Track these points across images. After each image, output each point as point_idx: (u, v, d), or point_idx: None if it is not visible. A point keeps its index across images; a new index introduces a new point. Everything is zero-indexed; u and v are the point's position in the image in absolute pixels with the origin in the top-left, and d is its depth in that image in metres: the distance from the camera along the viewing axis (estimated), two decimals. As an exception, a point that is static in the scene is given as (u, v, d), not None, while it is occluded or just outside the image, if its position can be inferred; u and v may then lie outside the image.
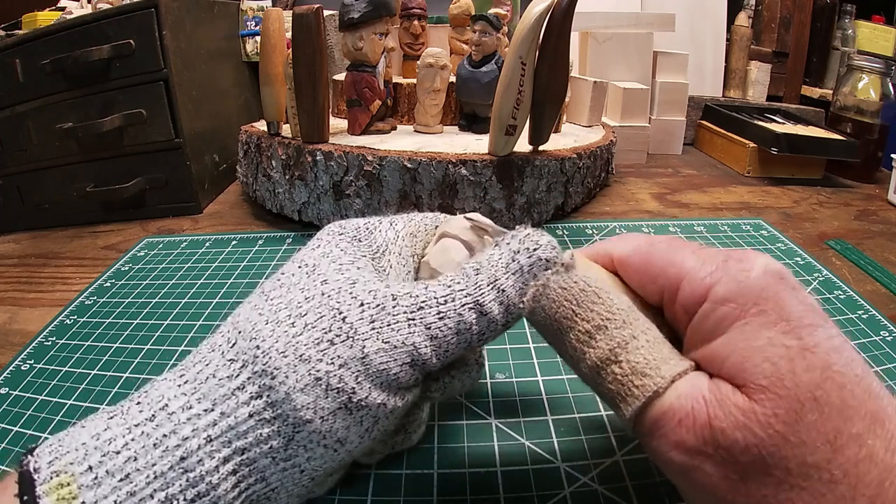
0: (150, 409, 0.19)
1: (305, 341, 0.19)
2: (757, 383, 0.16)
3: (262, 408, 0.19)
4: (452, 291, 0.20)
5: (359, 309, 0.20)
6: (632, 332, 0.18)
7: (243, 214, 0.58)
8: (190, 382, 0.19)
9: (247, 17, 0.72)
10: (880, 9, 1.02)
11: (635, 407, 0.18)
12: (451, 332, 0.20)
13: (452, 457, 0.26)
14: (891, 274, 0.44)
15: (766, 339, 0.16)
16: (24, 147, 0.56)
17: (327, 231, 0.24)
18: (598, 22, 0.78)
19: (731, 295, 0.17)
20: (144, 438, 0.18)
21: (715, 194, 0.63)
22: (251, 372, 0.19)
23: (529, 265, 0.20)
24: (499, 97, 0.45)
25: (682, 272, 0.19)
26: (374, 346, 0.19)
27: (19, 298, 0.44)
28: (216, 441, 0.18)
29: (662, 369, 0.18)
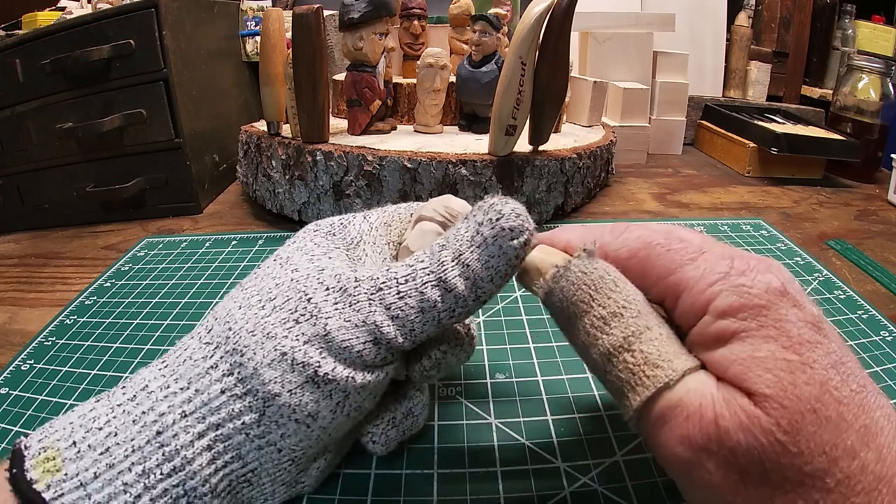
0: (132, 390, 0.20)
1: (273, 321, 0.20)
2: (761, 392, 0.16)
3: (233, 384, 0.20)
4: (414, 270, 0.20)
5: (324, 292, 0.21)
6: (646, 324, 0.18)
7: (243, 214, 0.58)
8: (169, 366, 0.21)
9: (247, 17, 0.72)
10: (880, 9, 1.02)
11: (644, 397, 0.17)
12: (413, 311, 0.20)
13: (452, 457, 0.26)
14: (891, 274, 0.44)
15: (767, 352, 0.16)
16: (24, 147, 0.56)
17: (304, 229, 0.25)
18: (598, 22, 0.78)
19: (731, 310, 0.17)
20: (124, 416, 0.19)
21: (715, 194, 0.63)
22: (223, 351, 0.20)
23: (493, 236, 0.19)
24: (499, 97, 0.45)
25: (681, 283, 0.18)
26: (336, 323, 0.20)
27: (19, 298, 0.44)
28: (191, 416, 0.19)
29: (675, 362, 0.18)
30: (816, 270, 0.44)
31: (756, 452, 0.16)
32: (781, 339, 0.17)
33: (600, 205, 0.59)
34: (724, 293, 0.17)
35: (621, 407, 0.19)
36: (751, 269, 0.18)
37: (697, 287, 0.18)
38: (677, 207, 0.59)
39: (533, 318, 0.37)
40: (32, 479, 0.18)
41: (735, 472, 0.16)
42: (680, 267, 0.19)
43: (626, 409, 0.18)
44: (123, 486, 0.18)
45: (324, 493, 0.24)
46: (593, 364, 0.19)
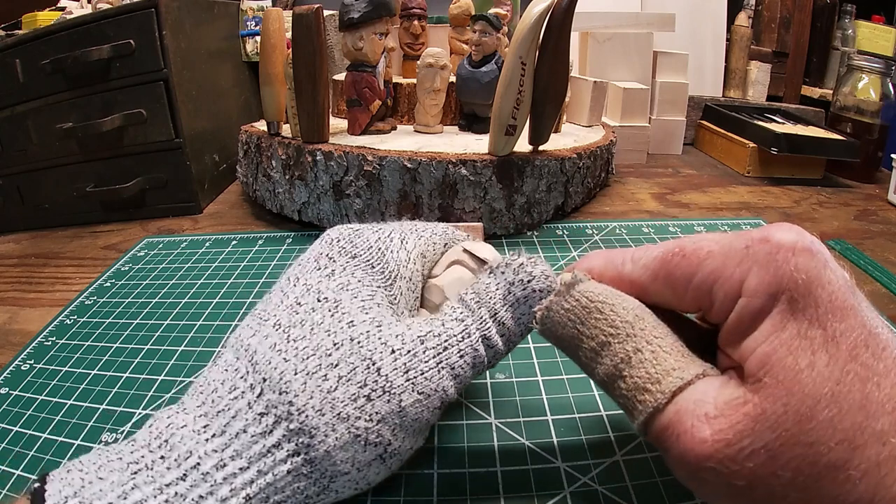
0: (181, 467, 0.18)
1: (342, 398, 0.19)
2: (775, 378, 0.15)
3: (300, 464, 0.18)
4: (466, 326, 0.21)
5: (391, 357, 0.20)
6: (635, 345, 0.18)
7: (243, 214, 0.58)
8: (218, 437, 0.18)
9: (247, 17, 0.72)
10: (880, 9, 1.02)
11: (640, 421, 0.18)
12: (469, 367, 0.21)
13: (452, 457, 0.26)
14: (891, 274, 0.44)
15: (792, 331, 0.16)
16: (24, 147, 0.56)
17: (338, 249, 0.23)
18: (598, 22, 0.78)
19: (762, 285, 0.16)
20: (179, 500, 0.17)
21: (715, 194, 0.63)
22: (286, 430, 0.18)
23: (525, 297, 0.21)
24: (499, 97, 0.45)
25: (708, 278, 0.18)
26: (411, 398, 0.19)
27: (19, 298, 0.44)
28: (255, 499, 0.18)
29: (663, 383, 0.18)
30: (816, 270, 0.44)
31: (763, 451, 0.15)
32: (809, 311, 0.16)
33: (600, 205, 0.59)
34: (754, 269, 0.17)
35: None
36: (772, 232, 0.17)
37: (725, 274, 0.17)
38: (677, 207, 0.59)
39: None
40: None
41: (740, 478, 0.15)
42: (700, 265, 0.18)
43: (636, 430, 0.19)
44: None
45: (324, 493, 0.24)
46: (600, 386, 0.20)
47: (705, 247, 0.18)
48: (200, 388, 0.20)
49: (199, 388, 0.20)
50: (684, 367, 0.18)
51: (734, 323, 0.17)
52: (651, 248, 0.20)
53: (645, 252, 0.20)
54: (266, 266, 0.45)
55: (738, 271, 0.17)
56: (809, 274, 0.16)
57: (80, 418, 0.29)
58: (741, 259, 0.17)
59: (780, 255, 0.16)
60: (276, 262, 0.46)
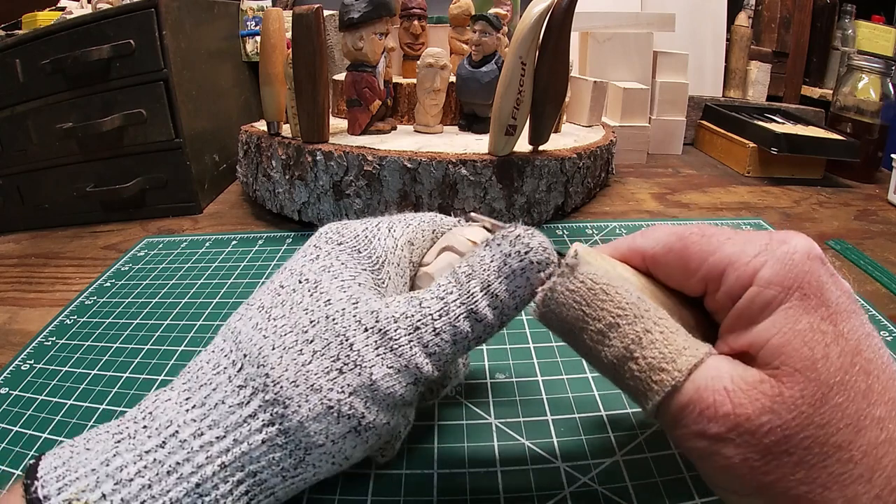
0: (160, 434, 0.19)
1: (315, 370, 0.19)
2: (791, 366, 0.16)
3: (274, 434, 0.19)
4: (446, 304, 0.20)
5: (363, 334, 0.20)
6: (644, 326, 0.18)
7: (243, 214, 0.58)
8: (198, 407, 0.19)
9: (247, 17, 0.72)
10: (880, 9, 1.02)
11: (655, 402, 0.18)
12: (448, 344, 0.20)
13: (452, 457, 0.26)
14: (891, 274, 0.44)
15: (806, 324, 0.17)
16: (24, 147, 0.56)
17: (325, 238, 0.24)
18: (598, 22, 0.78)
19: (777, 278, 0.17)
20: (157, 465, 0.18)
21: (715, 194, 0.63)
22: (262, 400, 0.19)
23: (521, 269, 0.20)
24: (499, 97, 0.45)
25: (724, 260, 0.19)
26: (381, 371, 0.20)
27: (19, 298, 0.44)
28: (230, 467, 0.19)
29: (678, 362, 0.18)
30: (816, 270, 0.44)
31: (779, 430, 0.16)
32: (821, 310, 0.17)
33: (600, 205, 0.59)
34: (770, 262, 0.18)
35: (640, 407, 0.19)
36: (790, 238, 0.18)
37: (741, 260, 0.18)
38: (677, 207, 0.59)
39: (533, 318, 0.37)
40: None
41: (756, 452, 0.16)
42: (719, 246, 0.19)
43: (643, 411, 0.19)
44: None
45: (324, 493, 0.24)
46: (603, 373, 0.20)
47: (726, 233, 0.20)
48: (188, 368, 0.21)
49: (187, 369, 0.21)
50: (693, 345, 0.18)
51: (742, 309, 0.18)
52: (666, 226, 0.21)
53: (658, 228, 0.21)
54: (266, 266, 0.45)
55: (755, 261, 0.18)
56: (821, 279, 0.17)
57: (80, 418, 0.29)
58: (759, 251, 0.18)
59: (797, 256, 0.18)
60: (276, 262, 0.46)
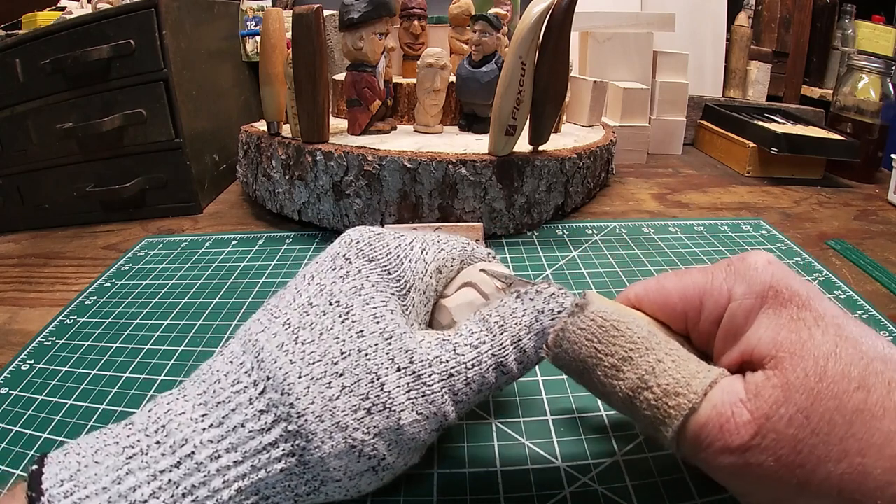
0: (175, 454, 0.18)
1: (343, 407, 0.19)
2: (786, 351, 0.17)
3: (293, 465, 0.19)
4: (479, 354, 0.21)
5: (396, 374, 0.20)
6: (657, 357, 0.19)
7: (243, 214, 0.58)
8: (215, 427, 0.19)
9: (247, 17, 0.72)
10: (880, 9, 1.02)
11: (675, 427, 0.18)
12: (474, 393, 0.21)
13: (452, 457, 0.26)
14: (891, 274, 0.44)
15: (787, 316, 0.18)
16: (24, 147, 0.56)
17: (356, 251, 0.23)
18: (598, 22, 0.78)
19: (749, 289, 0.19)
20: (172, 487, 0.18)
21: (715, 194, 0.63)
22: (284, 430, 0.19)
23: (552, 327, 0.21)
24: (499, 97, 0.45)
25: (698, 290, 0.21)
26: (410, 417, 0.20)
27: (19, 298, 0.44)
28: (246, 491, 0.19)
29: (693, 385, 0.18)
30: (816, 270, 0.44)
31: (799, 414, 0.16)
32: (795, 300, 0.18)
33: (600, 205, 0.59)
34: (738, 280, 0.20)
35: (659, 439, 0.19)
36: (746, 255, 0.21)
37: (714, 285, 0.20)
38: (677, 207, 0.59)
39: None
40: None
41: (786, 447, 0.16)
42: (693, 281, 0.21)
43: (663, 441, 0.19)
44: None
45: (324, 493, 0.24)
46: (618, 407, 0.20)
47: (694, 270, 0.22)
48: (203, 376, 0.20)
49: (202, 377, 0.20)
50: (706, 369, 0.19)
51: (728, 325, 0.20)
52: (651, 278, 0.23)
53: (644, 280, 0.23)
54: (266, 266, 0.45)
55: (726, 284, 0.20)
56: (786, 277, 0.19)
57: (80, 418, 0.29)
58: (726, 275, 0.20)
59: (759, 266, 0.20)
60: (276, 262, 0.46)
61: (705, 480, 0.24)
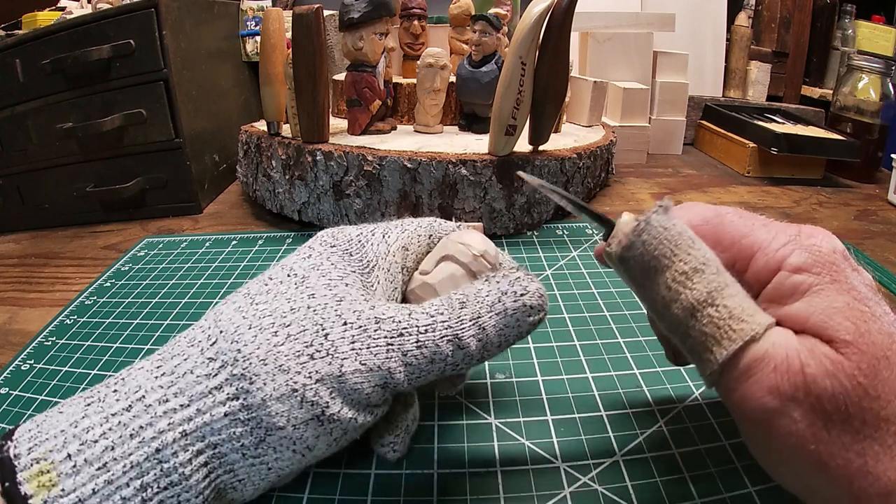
0: (128, 398, 0.19)
1: (286, 352, 0.20)
2: (842, 338, 0.17)
3: (237, 409, 0.19)
4: (434, 322, 0.21)
5: (342, 328, 0.20)
6: (726, 280, 0.19)
7: (243, 214, 0.58)
8: (167, 375, 0.20)
9: (247, 17, 0.72)
10: (880, 9, 1.02)
11: (732, 350, 0.18)
12: (425, 361, 0.21)
13: (452, 457, 0.26)
14: (891, 274, 0.44)
15: (843, 303, 0.18)
16: (24, 147, 0.56)
17: (320, 241, 0.25)
18: (598, 22, 0.78)
19: (805, 265, 0.19)
20: (121, 428, 0.19)
21: (715, 194, 0.63)
22: (229, 374, 0.20)
23: (514, 309, 0.21)
24: (499, 97, 0.45)
25: (755, 243, 0.20)
26: (352, 366, 0.20)
27: (19, 298, 0.44)
28: (191, 436, 0.19)
29: (757, 317, 0.18)
30: (816, 270, 0.44)
31: (841, 397, 0.16)
32: (853, 293, 0.18)
33: (600, 205, 0.59)
34: (798, 251, 0.19)
35: (701, 363, 0.19)
36: (817, 233, 0.20)
37: (772, 246, 0.19)
38: (677, 207, 0.59)
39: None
40: (27, 494, 0.18)
41: (820, 418, 0.17)
42: (752, 230, 0.20)
43: (709, 364, 0.19)
44: (122, 500, 0.18)
45: (324, 493, 0.24)
46: (673, 320, 0.20)
47: (760, 220, 0.21)
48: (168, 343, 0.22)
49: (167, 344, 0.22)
50: (764, 312, 0.19)
51: (771, 292, 0.19)
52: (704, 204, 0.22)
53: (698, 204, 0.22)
54: (266, 266, 0.45)
55: (784, 249, 0.19)
56: (846, 270, 0.19)
57: (80, 418, 0.29)
58: (788, 241, 0.19)
59: (824, 248, 0.19)
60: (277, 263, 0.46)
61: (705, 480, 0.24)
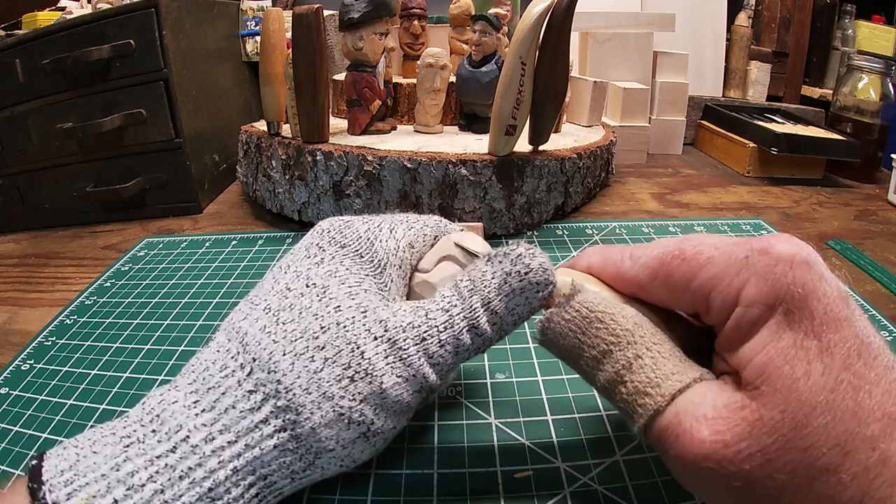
0: (171, 439, 0.19)
1: (327, 378, 0.20)
2: (772, 386, 0.16)
3: (286, 440, 0.19)
4: (451, 317, 0.21)
5: (374, 343, 0.20)
6: (636, 352, 0.19)
7: (243, 214, 0.58)
8: (208, 412, 0.19)
9: (247, 17, 0.72)
10: (880, 9, 1.02)
11: (640, 424, 0.19)
12: (450, 355, 0.21)
13: (452, 457, 0.26)
14: (891, 274, 0.44)
15: (788, 341, 0.16)
16: (24, 147, 0.56)
17: (328, 238, 0.24)
18: (598, 22, 0.78)
19: (760, 296, 0.17)
20: (169, 471, 0.18)
21: (715, 194, 0.63)
22: (274, 406, 0.19)
23: (521, 288, 0.21)
24: (499, 97, 0.45)
25: (707, 284, 0.18)
26: (391, 381, 0.20)
27: (19, 298, 0.44)
28: (242, 471, 0.19)
29: (663, 387, 0.18)
30: (816, 270, 0.44)
31: (760, 455, 0.15)
32: (805, 323, 0.16)
33: (600, 205, 0.59)
34: (752, 280, 0.17)
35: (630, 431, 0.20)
36: (772, 245, 0.18)
37: (724, 281, 0.18)
38: (677, 207, 0.59)
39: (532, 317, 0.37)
40: None
41: (738, 479, 0.16)
42: (700, 269, 0.19)
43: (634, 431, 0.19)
44: None
45: (324, 493, 0.24)
46: (600, 394, 0.21)
47: (705, 252, 0.19)
48: (192, 367, 0.21)
49: (191, 368, 0.21)
50: (682, 371, 0.19)
51: (731, 330, 0.18)
52: (650, 247, 0.21)
53: (644, 251, 0.21)
54: (266, 266, 0.45)
55: (737, 280, 0.18)
56: (806, 287, 0.17)
57: (80, 418, 0.29)
58: (740, 269, 0.18)
59: (779, 267, 0.17)
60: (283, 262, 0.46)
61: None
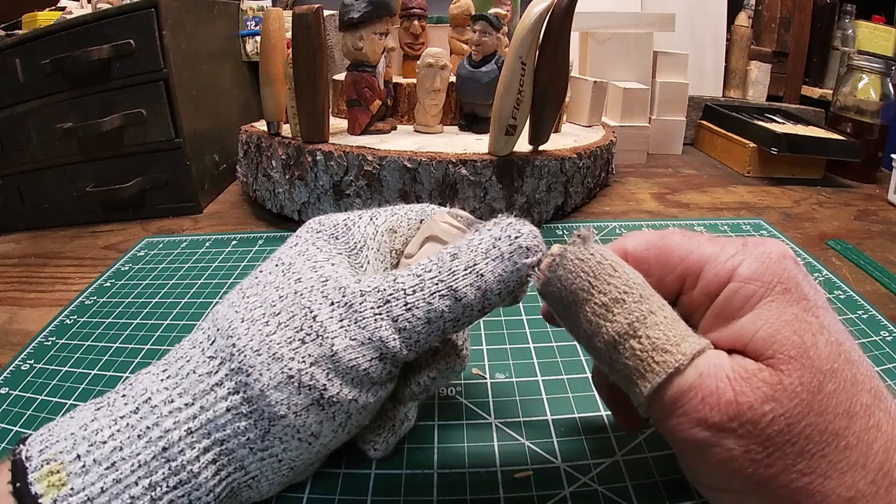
0: (135, 401, 0.20)
1: (278, 340, 0.20)
2: (786, 354, 0.17)
3: (238, 402, 0.20)
4: (422, 280, 0.20)
5: (329, 308, 0.20)
6: (650, 308, 0.18)
7: (243, 214, 0.58)
8: (172, 377, 0.21)
9: (247, 17, 0.72)
10: (880, 9, 1.02)
11: (655, 383, 0.17)
12: (420, 322, 0.20)
13: (452, 457, 0.26)
14: (891, 274, 0.44)
15: (792, 315, 0.17)
16: (24, 147, 0.56)
17: (306, 228, 0.25)
18: (598, 22, 0.78)
19: (755, 274, 0.18)
20: (129, 430, 0.19)
21: (715, 194, 0.63)
22: (228, 369, 0.20)
23: (510, 252, 0.20)
24: (499, 97, 0.45)
25: (703, 258, 0.19)
26: (343, 343, 0.20)
27: (19, 298, 0.44)
28: (196, 433, 0.19)
29: (682, 346, 0.17)
30: (816, 270, 0.44)
31: (783, 418, 0.16)
32: (802, 303, 0.18)
33: (600, 205, 0.59)
34: (748, 260, 0.19)
35: (630, 394, 0.18)
36: (766, 242, 0.19)
37: (720, 258, 0.19)
38: (677, 207, 0.59)
39: (533, 318, 0.37)
40: (38, 493, 0.18)
41: (758, 443, 0.16)
42: (699, 245, 0.20)
43: (636, 396, 0.18)
44: (130, 499, 0.18)
45: (324, 493, 0.24)
46: (598, 353, 0.19)
47: (706, 236, 0.20)
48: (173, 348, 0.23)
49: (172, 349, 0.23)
50: (695, 336, 0.18)
51: (722, 305, 0.19)
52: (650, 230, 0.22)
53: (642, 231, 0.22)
54: (266, 266, 0.45)
55: (732, 260, 0.19)
56: (797, 276, 0.18)
57: (80, 418, 0.29)
58: (736, 251, 0.19)
59: (773, 256, 0.19)
60: (276, 262, 0.46)
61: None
